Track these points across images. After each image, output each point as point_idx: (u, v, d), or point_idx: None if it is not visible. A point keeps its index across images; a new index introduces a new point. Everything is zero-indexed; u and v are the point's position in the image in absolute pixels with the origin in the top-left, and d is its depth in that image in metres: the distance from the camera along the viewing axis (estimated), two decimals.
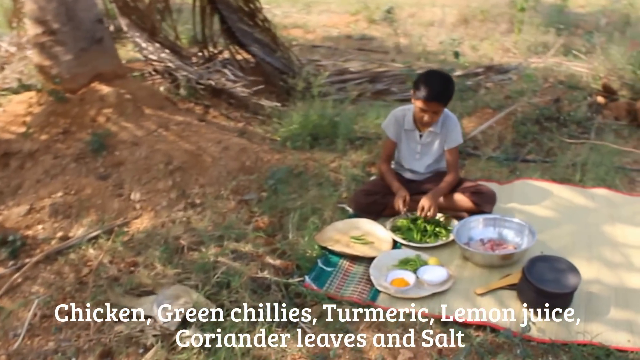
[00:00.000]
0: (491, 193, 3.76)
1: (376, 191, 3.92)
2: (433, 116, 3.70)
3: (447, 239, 3.60)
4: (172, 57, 5.85)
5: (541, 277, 2.97)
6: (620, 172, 4.41)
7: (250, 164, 4.40)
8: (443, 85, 3.65)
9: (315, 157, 4.75)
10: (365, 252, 3.48)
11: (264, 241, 3.65)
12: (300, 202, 4.03)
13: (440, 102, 3.65)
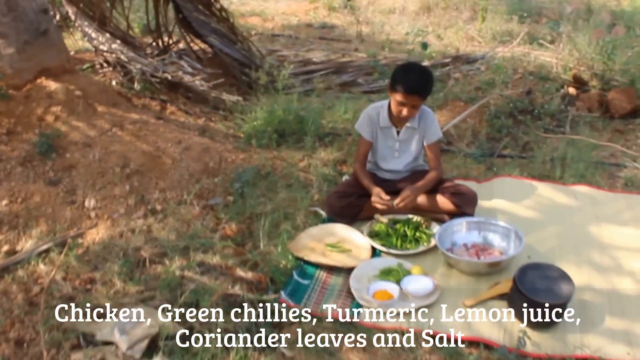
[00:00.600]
0: (472, 194, 3.58)
1: (350, 193, 3.70)
2: (412, 110, 3.50)
3: (429, 244, 3.40)
4: (125, 49, 5.49)
5: (533, 287, 2.80)
6: (599, 167, 4.29)
7: (214, 165, 4.12)
8: (423, 79, 3.45)
9: (283, 155, 4.49)
10: (343, 262, 3.26)
11: (233, 251, 3.40)
12: (270, 206, 3.78)
13: (420, 95, 3.47)
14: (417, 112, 3.55)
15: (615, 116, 5.06)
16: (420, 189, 3.53)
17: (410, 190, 3.48)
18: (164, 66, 5.34)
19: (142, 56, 5.51)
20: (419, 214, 3.63)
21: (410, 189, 3.48)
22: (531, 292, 2.78)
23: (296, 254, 3.31)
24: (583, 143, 4.56)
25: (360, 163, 3.79)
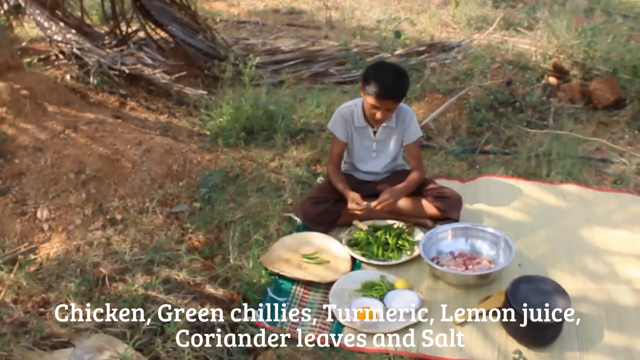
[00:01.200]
0: (457, 197, 3.38)
1: (326, 198, 3.47)
2: (386, 114, 3.29)
3: (412, 253, 3.20)
4: (80, 39, 5.15)
5: (527, 303, 2.60)
6: (586, 164, 4.13)
7: (178, 168, 3.85)
8: (397, 81, 3.23)
9: (252, 155, 4.24)
10: (321, 276, 3.04)
11: (202, 265, 3.15)
12: (239, 213, 3.54)
13: (394, 100, 3.25)
14: (392, 114, 3.35)
15: (598, 107, 4.91)
16: (400, 192, 3.32)
17: (390, 193, 3.27)
18: (123, 57, 5.02)
19: (100, 47, 5.18)
20: (401, 219, 3.42)
21: (390, 192, 3.28)
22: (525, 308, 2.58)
23: (270, 267, 3.07)
24: (568, 137, 4.38)
25: (334, 165, 3.56)
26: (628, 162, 4.09)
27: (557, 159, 4.11)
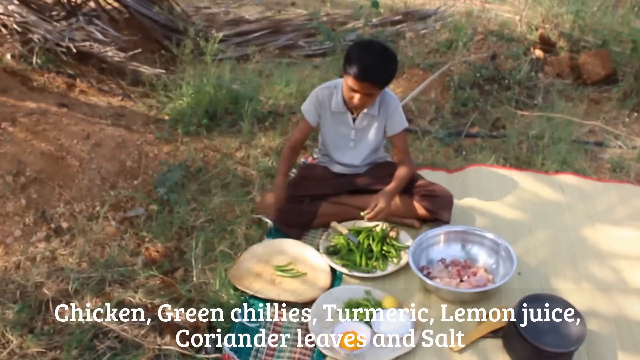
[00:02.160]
0: (447, 196, 3.03)
1: (300, 197, 3.10)
2: (364, 99, 2.90)
3: (400, 261, 2.84)
4: (24, 10, 4.59)
5: (535, 328, 2.28)
6: (581, 149, 3.80)
7: (132, 164, 3.42)
8: (380, 63, 2.82)
9: (216, 145, 3.82)
10: (297, 294, 2.69)
11: (161, 282, 2.76)
12: (202, 216, 3.13)
13: (374, 83, 2.86)
14: (371, 101, 2.95)
15: (588, 82, 4.59)
16: (393, 195, 2.97)
17: (383, 198, 2.90)
18: (71, 32, 4.50)
19: (46, 19, 4.64)
20: (385, 221, 3.04)
21: (383, 196, 2.90)
22: (535, 335, 2.26)
23: (239, 286, 2.69)
24: (560, 118, 4.04)
25: (291, 148, 3.22)
26: (624, 146, 3.78)
27: (550, 144, 3.77)
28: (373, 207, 2.88)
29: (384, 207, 2.85)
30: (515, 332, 2.31)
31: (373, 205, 2.88)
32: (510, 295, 2.64)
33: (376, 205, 2.87)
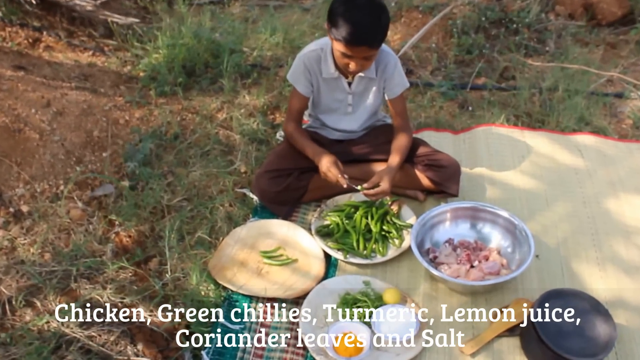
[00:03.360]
0: (454, 166, 2.70)
1: (288, 170, 2.74)
2: (363, 63, 2.51)
3: (402, 242, 2.53)
4: None
5: (558, 331, 1.99)
6: (599, 102, 3.43)
7: (100, 134, 3.07)
8: (373, 18, 2.41)
9: (194, 106, 3.45)
10: (287, 285, 2.39)
11: (133, 275, 2.44)
12: (179, 193, 2.79)
13: (371, 45, 2.44)
14: (370, 63, 2.57)
15: (602, 23, 4.18)
16: (395, 171, 2.62)
17: (387, 178, 2.57)
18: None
19: None
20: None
21: (388, 177, 2.57)
22: (556, 340, 1.97)
23: (220, 279, 2.38)
24: (574, 65, 3.66)
25: (294, 123, 2.81)
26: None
27: (565, 97, 3.40)
28: (374, 184, 2.54)
29: (386, 190, 2.52)
30: (535, 335, 2.01)
31: (375, 182, 2.54)
32: (527, 283, 2.36)
33: (378, 185, 2.52)
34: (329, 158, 2.59)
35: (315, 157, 2.65)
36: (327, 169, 2.56)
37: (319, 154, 2.63)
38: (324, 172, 2.58)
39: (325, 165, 2.57)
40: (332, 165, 2.55)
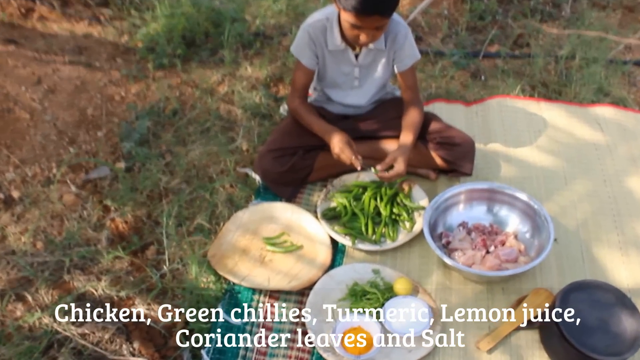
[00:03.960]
0: (468, 144, 2.50)
1: (292, 148, 2.56)
2: (374, 34, 2.29)
3: (413, 226, 2.36)
4: None
5: (581, 327, 1.82)
6: (618, 71, 3.21)
7: (94, 112, 2.89)
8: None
9: (194, 79, 3.25)
10: (291, 275, 2.23)
11: (129, 265, 2.29)
12: (178, 175, 2.61)
13: (382, 14, 2.22)
14: (381, 34, 2.35)
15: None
16: (409, 149, 2.44)
17: (403, 159, 2.37)
18: None
19: None
20: None
21: (403, 157, 2.37)
22: (579, 337, 1.81)
23: (220, 270, 2.22)
24: (591, 31, 3.42)
25: (300, 99, 2.61)
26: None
27: (583, 66, 3.18)
28: (388, 166, 2.35)
29: (402, 172, 2.34)
30: (557, 331, 1.85)
31: (389, 163, 2.36)
32: (546, 270, 2.20)
33: (392, 167, 2.35)
34: (342, 137, 2.40)
35: (325, 135, 2.46)
36: (340, 150, 2.38)
37: (329, 132, 2.44)
38: (337, 153, 2.39)
39: (338, 145, 2.38)
40: (345, 146, 2.36)
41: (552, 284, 2.15)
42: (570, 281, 2.00)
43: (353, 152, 2.35)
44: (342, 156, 2.37)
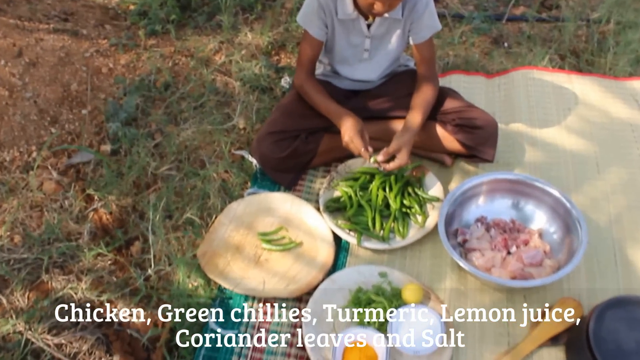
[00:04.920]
0: (491, 126, 2.25)
1: (295, 130, 2.32)
2: (391, 2, 2.02)
3: (425, 221, 2.12)
4: None
5: (618, 349, 1.60)
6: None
7: (79, 87, 2.67)
8: None
9: (189, 47, 3.01)
10: (290, 280, 2.01)
11: (112, 263, 2.09)
12: (167, 159, 2.40)
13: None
14: (399, 2, 2.06)
15: None
16: (415, 133, 2.19)
17: (407, 148, 2.14)
18: None
19: None
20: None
21: (407, 147, 2.14)
22: (615, 357, 1.58)
23: (210, 272, 2.02)
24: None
25: (306, 74, 2.35)
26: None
27: (618, 31, 2.86)
28: (391, 154, 2.11)
29: (404, 164, 2.09)
30: (588, 354, 1.62)
31: (391, 152, 2.11)
32: (573, 274, 1.96)
33: (394, 156, 2.11)
34: (354, 124, 2.15)
35: (335, 119, 2.23)
36: (349, 139, 2.14)
37: (341, 116, 2.20)
38: (346, 142, 2.15)
39: (348, 133, 2.14)
40: (356, 135, 2.12)
41: (580, 291, 1.92)
42: (601, 288, 1.80)
43: (364, 143, 2.11)
44: (350, 146, 2.13)
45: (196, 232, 2.17)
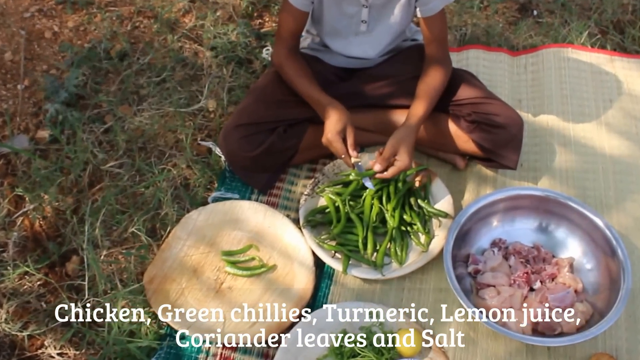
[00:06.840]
0: (515, 125, 1.95)
1: (270, 122, 2.00)
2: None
3: (429, 243, 1.83)
4: None
5: None
6: None
7: (15, 57, 2.37)
8: None
9: (153, 4, 2.72)
10: (258, 323, 1.69)
11: (42, 285, 1.82)
12: (117, 149, 2.09)
13: None
14: None
15: None
16: (418, 128, 1.89)
17: (407, 149, 1.83)
18: None
19: None
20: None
21: (407, 148, 1.83)
22: None
23: (157, 304, 1.75)
24: None
25: (287, 50, 2.03)
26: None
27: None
28: (387, 160, 1.80)
29: (406, 167, 1.78)
30: None
31: (388, 156, 1.80)
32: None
33: (394, 159, 1.80)
34: (337, 121, 1.84)
35: (318, 109, 1.93)
36: (328, 141, 1.84)
37: (324, 107, 1.89)
38: (325, 144, 1.85)
39: (328, 133, 1.83)
40: (336, 137, 1.81)
41: (618, 344, 1.65)
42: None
43: (347, 146, 1.79)
44: (330, 148, 1.81)
45: (145, 248, 1.87)
